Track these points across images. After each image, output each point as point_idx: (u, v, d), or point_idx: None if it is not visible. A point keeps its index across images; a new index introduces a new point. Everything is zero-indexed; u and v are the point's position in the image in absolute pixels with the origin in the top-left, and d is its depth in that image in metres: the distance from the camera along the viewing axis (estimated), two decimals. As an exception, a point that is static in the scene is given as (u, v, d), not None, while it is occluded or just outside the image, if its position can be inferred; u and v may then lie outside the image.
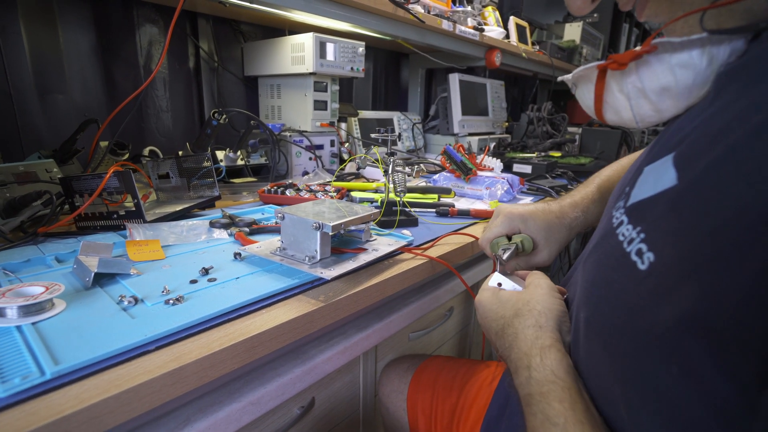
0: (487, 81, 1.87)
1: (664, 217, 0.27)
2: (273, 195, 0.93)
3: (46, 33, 1.00)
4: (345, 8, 1.10)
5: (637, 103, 0.37)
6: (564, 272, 1.76)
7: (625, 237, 0.30)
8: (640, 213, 0.30)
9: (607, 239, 0.34)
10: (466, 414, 0.66)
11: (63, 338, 0.38)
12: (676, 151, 0.30)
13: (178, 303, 0.46)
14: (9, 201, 0.69)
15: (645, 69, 0.36)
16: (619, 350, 0.29)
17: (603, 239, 0.36)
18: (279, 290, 0.51)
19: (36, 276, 0.52)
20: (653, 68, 0.35)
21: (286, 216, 0.58)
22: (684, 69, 0.33)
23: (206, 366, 0.39)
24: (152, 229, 0.67)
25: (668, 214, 0.27)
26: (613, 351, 0.30)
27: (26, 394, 0.32)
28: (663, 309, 0.25)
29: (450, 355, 1.05)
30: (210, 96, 1.33)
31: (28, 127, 0.99)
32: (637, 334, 0.27)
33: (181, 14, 1.23)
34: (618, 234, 0.32)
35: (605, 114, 0.42)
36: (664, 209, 0.28)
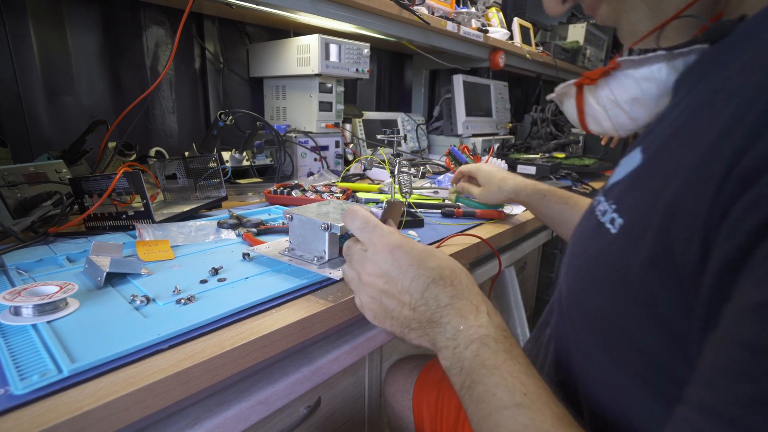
0: (491, 82, 1.87)
1: (629, 188, 0.33)
2: (279, 196, 0.93)
3: (54, 35, 1.01)
4: (350, 10, 1.11)
5: (614, 113, 0.43)
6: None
7: (600, 212, 0.35)
8: (612, 191, 0.35)
9: (586, 219, 0.39)
10: None
11: (78, 337, 0.39)
12: (644, 142, 0.35)
13: (189, 303, 0.47)
14: (20, 201, 0.70)
15: (614, 83, 0.41)
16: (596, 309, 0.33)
17: (583, 220, 0.40)
18: (288, 290, 0.51)
19: (49, 275, 0.53)
20: (621, 82, 0.41)
21: (294, 216, 0.59)
22: (648, 81, 0.38)
23: (218, 365, 0.40)
24: (161, 230, 0.67)
25: (632, 185, 0.32)
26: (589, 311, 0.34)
27: (45, 391, 0.33)
28: (632, 259, 0.29)
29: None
30: (215, 97, 1.34)
31: (36, 128, 1.00)
32: (613, 288, 0.31)
33: (187, 15, 1.24)
34: (596, 212, 0.36)
35: (588, 125, 0.47)
36: (629, 182, 0.33)
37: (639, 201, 0.30)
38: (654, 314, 0.28)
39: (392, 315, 0.40)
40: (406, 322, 0.39)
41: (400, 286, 0.39)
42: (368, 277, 0.40)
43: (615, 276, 0.31)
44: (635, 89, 0.39)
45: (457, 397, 0.71)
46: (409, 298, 0.38)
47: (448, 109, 1.73)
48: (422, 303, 0.38)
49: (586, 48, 2.33)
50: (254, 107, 1.44)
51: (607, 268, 0.32)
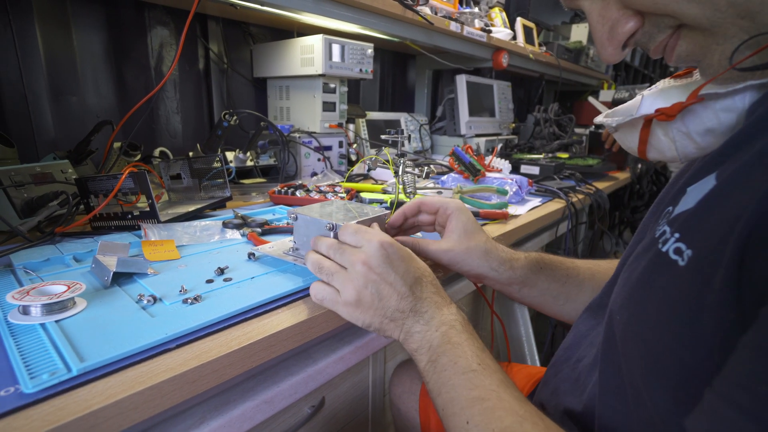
0: (494, 82, 1.87)
1: (700, 216, 0.30)
2: (283, 196, 0.94)
3: (59, 35, 1.01)
4: (353, 10, 1.11)
5: (682, 144, 0.39)
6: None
7: (661, 241, 0.33)
8: (680, 222, 0.32)
9: (648, 249, 0.36)
10: None
11: (86, 336, 0.39)
12: (719, 169, 0.32)
13: (196, 302, 0.47)
14: (27, 201, 0.71)
15: (690, 116, 0.37)
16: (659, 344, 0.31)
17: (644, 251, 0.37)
18: (294, 290, 0.52)
19: (56, 275, 0.53)
20: (699, 115, 0.37)
21: (299, 216, 0.59)
22: (727, 112, 0.35)
23: (225, 364, 0.40)
24: (166, 230, 0.68)
25: (703, 214, 0.30)
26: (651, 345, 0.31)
27: (54, 389, 0.33)
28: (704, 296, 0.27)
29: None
30: (219, 97, 1.34)
31: (42, 128, 1.01)
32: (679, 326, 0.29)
33: (192, 16, 1.24)
34: (659, 242, 0.33)
35: (648, 154, 0.43)
36: (700, 210, 0.31)
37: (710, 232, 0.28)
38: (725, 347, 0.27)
39: (378, 304, 0.44)
40: (389, 312, 0.44)
41: (392, 278, 0.44)
42: (362, 267, 0.44)
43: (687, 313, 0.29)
44: (713, 121, 0.36)
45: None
46: (400, 288, 0.44)
47: (451, 109, 1.73)
48: (409, 294, 0.44)
49: (589, 48, 2.33)
50: (258, 107, 1.44)
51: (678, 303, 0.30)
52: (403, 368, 0.85)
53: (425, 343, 0.42)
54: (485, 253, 0.56)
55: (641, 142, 0.42)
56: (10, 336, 0.39)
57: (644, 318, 0.32)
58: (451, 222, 0.57)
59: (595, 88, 2.67)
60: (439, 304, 0.45)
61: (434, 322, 0.43)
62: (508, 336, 1.08)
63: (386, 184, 1.09)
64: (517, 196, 1.06)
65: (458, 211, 0.57)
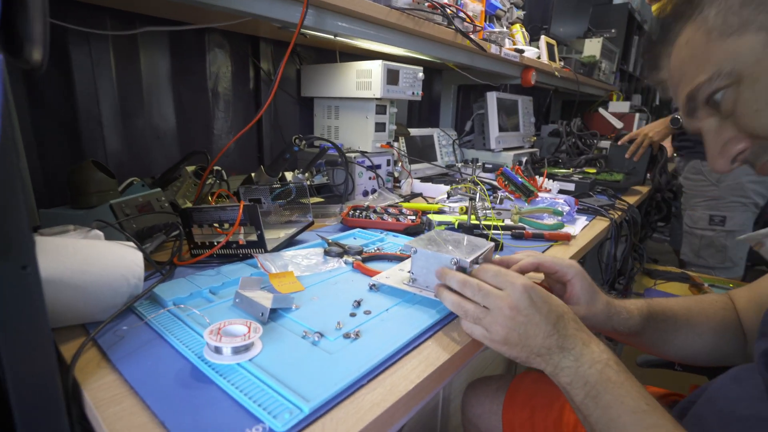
0: (519, 97, 1.94)
1: None
2: (357, 219, 0.98)
3: (130, 62, 1.04)
4: (411, 38, 1.16)
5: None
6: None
7: None
8: None
9: None
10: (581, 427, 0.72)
11: (287, 375, 0.43)
12: None
13: (357, 338, 0.51)
14: (137, 232, 0.74)
15: None
16: None
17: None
18: (434, 322, 0.56)
19: (205, 310, 0.57)
20: None
21: (418, 251, 0.64)
22: None
23: (412, 396, 0.45)
24: (280, 260, 0.71)
25: None
26: None
27: (297, 428, 0.37)
28: None
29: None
30: (267, 116, 1.38)
31: (113, 152, 1.03)
32: None
33: (244, 38, 1.28)
34: None
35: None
36: None
37: None
38: None
39: (524, 342, 0.48)
40: (535, 348, 0.48)
41: (537, 318, 0.48)
42: (509, 311, 0.49)
43: None
44: None
45: (553, 413, 0.77)
46: (544, 327, 0.48)
47: (480, 125, 1.79)
48: (554, 333, 0.48)
49: (601, 61, 2.42)
50: (303, 126, 1.48)
51: None
52: (477, 388, 0.89)
53: (579, 379, 0.46)
54: (608, 318, 0.61)
55: None
56: (220, 376, 0.43)
57: None
58: (575, 288, 0.60)
59: (604, 98, 2.76)
60: (586, 341, 0.48)
61: (585, 358, 0.47)
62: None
63: (444, 205, 1.14)
64: (569, 216, 1.12)
65: (580, 276, 0.60)
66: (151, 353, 0.48)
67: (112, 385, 0.43)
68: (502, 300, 0.50)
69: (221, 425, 0.37)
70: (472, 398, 0.88)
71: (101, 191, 0.77)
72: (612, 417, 0.43)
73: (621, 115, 2.44)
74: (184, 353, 0.47)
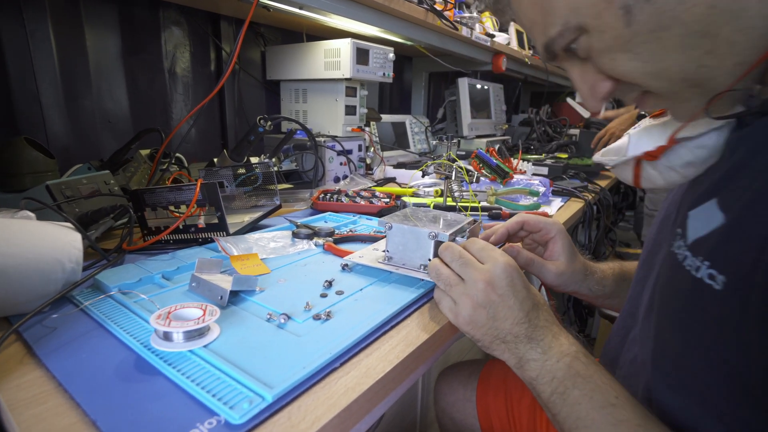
0: (490, 85, 1.92)
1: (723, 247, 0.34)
2: (328, 202, 0.93)
3: (73, 36, 0.94)
4: (382, 15, 1.12)
5: (668, 175, 0.46)
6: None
7: (691, 267, 0.36)
8: (699, 248, 0.37)
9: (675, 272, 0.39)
10: None
11: (248, 361, 0.38)
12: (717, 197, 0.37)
13: (329, 319, 0.46)
14: (80, 217, 0.66)
15: (672, 154, 0.45)
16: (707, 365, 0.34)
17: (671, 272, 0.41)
18: (412, 300, 0.52)
19: (157, 296, 0.50)
20: (678, 153, 0.44)
21: (393, 226, 0.59)
22: (701, 149, 0.42)
23: (390, 378, 0.40)
24: (243, 243, 0.65)
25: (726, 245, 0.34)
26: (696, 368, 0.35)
27: (258, 418, 0.32)
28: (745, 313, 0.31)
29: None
30: (231, 100, 1.30)
31: (55, 134, 0.94)
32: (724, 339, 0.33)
33: (204, 16, 1.20)
34: (685, 266, 0.38)
35: (642, 183, 0.51)
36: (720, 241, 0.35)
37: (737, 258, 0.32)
38: None
39: (491, 324, 0.45)
40: (501, 334, 0.45)
41: (512, 302, 0.45)
42: (483, 285, 0.46)
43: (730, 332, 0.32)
44: (689, 155, 0.43)
45: (527, 397, 0.74)
46: (517, 312, 0.45)
47: (452, 111, 1.76)
48: (525, 321, 0.45)
49: (568, 52, 2.45)
50: (269, 111, 1.41)
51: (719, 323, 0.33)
52: (450, 375, 0.86)
53: (546, 374, 0.43)
54: (585, 276, 0.61)
55: (635, 176, 0.50)
56: (168, 365, 0.37)
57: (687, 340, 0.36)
58: (557, 244, 0.61)
59: (571, 89, 2.80)
60: (556, 334, 0.45)
61: (553, 351, 0.44)
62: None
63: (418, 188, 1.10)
64: (545, 197, 1.10)
65: (562, 234, 0.61)
66: (87, 345, 0.41)
67: (35, 383, 0.36)
68: (479, 273, 0.46)
69: (166, 422, 0.31)
70: (444, 386, 0.84)
71: (36, 172, 0.68)
72: (580, 415, 0.39)
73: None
74: (127, 342, 0.41)
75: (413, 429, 0.85)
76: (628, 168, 0.51)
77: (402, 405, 0.80)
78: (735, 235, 0.34)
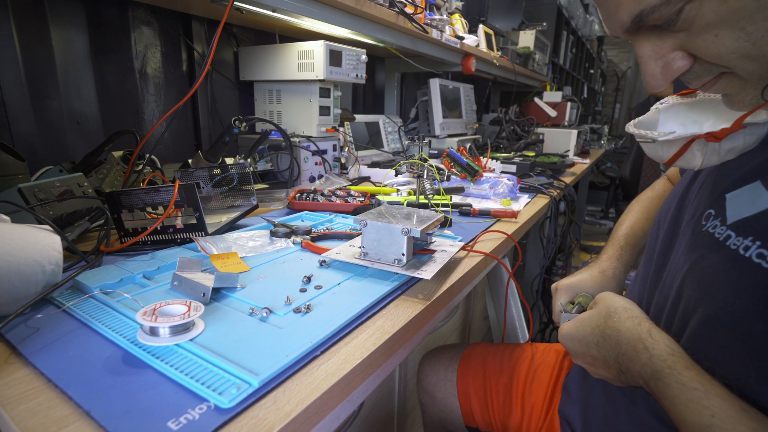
0: (461, 85, 1.98)
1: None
2: (304, 202, 0.95)
3: (38, 35, 0.93)
4: (353, 18, 1.14)
5: (709, 158, 0.48)
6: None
7: (737, 246, 0.39)
8: (746, 227, 0.39)
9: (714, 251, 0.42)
10: (528, 388, 0.74)
11: (233, 352, 0.40)
12: (762, 179, 0.39)
13: (309, 311, 0.49)
14: (55, 219, 0.66)
15: (727, 139, 0.45)
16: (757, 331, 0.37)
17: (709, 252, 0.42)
18: (387, 292, 0.55)
19: (139, 295, 0.52)
20: (733, 138, 0.45)
21: (368, 223, 0.62)
22: (752, 136, 0.44)
23: (367, 364, 0.43)
24: (222, 242, 0.67)
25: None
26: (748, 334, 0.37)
27: (246, 402, 0.34)
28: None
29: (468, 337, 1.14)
30: (204, 101, 1.29)
31: (21, 135, 0.92)
32: None
33: (175, 16, 1.19)
34: (729, 245, 0.40)
35: (677, 162, 0.51)
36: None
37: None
38: None
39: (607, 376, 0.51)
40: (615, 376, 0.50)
41: (590, 357, 0.52)
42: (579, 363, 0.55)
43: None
44: (739, 142, 0.44)
45: (503, 378, 0.79)
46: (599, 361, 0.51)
47: (424, 111, 1.80)
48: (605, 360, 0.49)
49: (535, 53, 2.54)
50: (243, 112, 1.41)
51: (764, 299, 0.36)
52: (432, 358, 0.90)
53: None
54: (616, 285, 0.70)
55: (677, 154, 0.50)
56: (157, 359, 0.39)
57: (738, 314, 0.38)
58: None
59: (538, 89, 2.90)
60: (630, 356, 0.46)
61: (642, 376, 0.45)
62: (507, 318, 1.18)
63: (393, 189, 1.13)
64: (512, 193, 1.16)
65: None
66: (74, 343, 0.42)
67: (24, 380, 0.37)
68: None
69: (159, 409, 0.33)
70: (426, 367, 0.88)
71: (6, 175, 0.68)
72: None
73: (554, 104, 2.57)
74: (113, 339, 0.43)
75: (392, 417, 0.88)
76: (674, 146, 0.49)
77: (381, 394, 0.83)
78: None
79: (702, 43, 0.36)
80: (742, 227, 0.39)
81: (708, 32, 0.35)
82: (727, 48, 0.35)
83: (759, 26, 0.33)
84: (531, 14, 3.04)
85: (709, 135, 0.46)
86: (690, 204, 0.51)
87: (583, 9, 4.07)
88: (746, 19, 0.33)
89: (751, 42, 0.34)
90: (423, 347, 1.03)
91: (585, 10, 4.17)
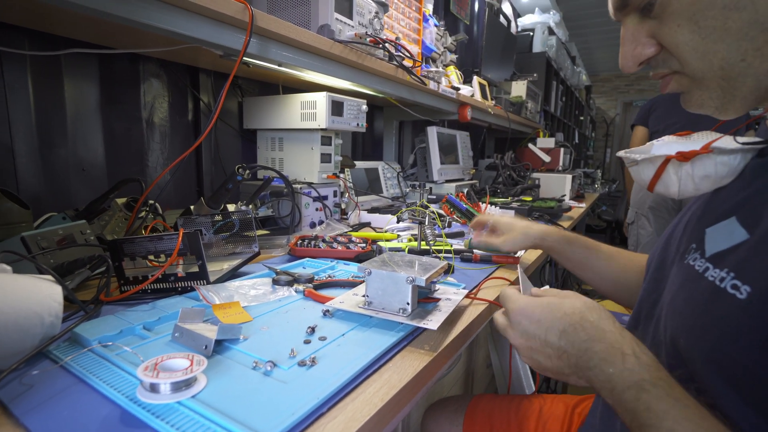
0: (457, 132, 2.04)
1: (749, 259, 0.38)
2: (306, 248, 0.95)
3: (51, 87, 0.96)
4: (355, 71, 1.20)
5: (685, 184, 0.51)
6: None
7: (714, 277, 0.40)
8: (722, 260, 0.41)
9: (693, 282, 0.43)
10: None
11: (237, 411, 0.39)
12: (737, 215, 0.42)
13: (314, 365, 0.48)
14: (56, 268, 0.65)
15: (698, 163, 0.48)
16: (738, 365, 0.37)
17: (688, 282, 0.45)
18: (393, 343, 0.54)
19: (139, 347, 0.50)
20: (703, 163, 0.48)
21: (372, 271, 0.62)
22: (723, 165, 0.47)
23: (377, 421, 0.41)
24: (224, 291, 0.66)
25: (752, 258, 0.38)
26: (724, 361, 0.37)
27: (251, 467, 0.33)
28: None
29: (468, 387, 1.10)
30: (208, 148, 1.32)
31: (26, 183, 0.93)
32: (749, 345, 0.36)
33: (183, 69, 1.24)
34: (707, 277, 0.41)
35: (656, 187, 0.54)
36: (746, 255, 0.39)
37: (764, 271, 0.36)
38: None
39: (546, 365, 0.46)
40: (559, 368, 0.45)
41: (540, 341, 0.46)
42: (516, 341, 0.49)
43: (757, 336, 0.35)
44: (711, 169, 0.46)
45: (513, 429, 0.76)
46: (551, 349, 0.45)
47: (423, 157, 1.85)
48: (563, 351, 0.44)
49: (527, 101, 2.64)
50: (245, 159, 1.44)
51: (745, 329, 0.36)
52: (436, 410, 0.87)
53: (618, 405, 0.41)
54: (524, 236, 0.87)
55: (656, 176, 0.53)
56: (157, 418, 0.37)
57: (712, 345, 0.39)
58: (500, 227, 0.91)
59: (532, 135, 3.00)
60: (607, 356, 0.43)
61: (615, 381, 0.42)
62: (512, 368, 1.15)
63: (394, 235, 1.14)
64: (513, 238, 1.16)
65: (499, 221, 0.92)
66: (69, 401, 0.41)
67: (17, 442, 0.35)
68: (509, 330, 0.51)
69: (158, 474, 0.32)
70: (430, 421, 0.85)
71: (10, 223, 0.68)
72: None
73: (548, 150, 2.65)
74: (111, 396, 0.41)
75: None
76: (653, 166, 0.53)
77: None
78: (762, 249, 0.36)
79: (667, 31, 0.40)
80: (718, 260, 0.41)
81: (673, 21, 0.39)
82: (683, 38, 0.39)
83: (708, 23, 0.37)
84: (522, 66, 3.19)
85: (678, 154, 0.50)
86: (675, 242, 0.53)
87: (571, 61, 4.29)
88: (700, 14, 0.37)
89: (701, 36, 0.38)
90: (425, 398, 0.99)
91: (572, 62, 4.39)
